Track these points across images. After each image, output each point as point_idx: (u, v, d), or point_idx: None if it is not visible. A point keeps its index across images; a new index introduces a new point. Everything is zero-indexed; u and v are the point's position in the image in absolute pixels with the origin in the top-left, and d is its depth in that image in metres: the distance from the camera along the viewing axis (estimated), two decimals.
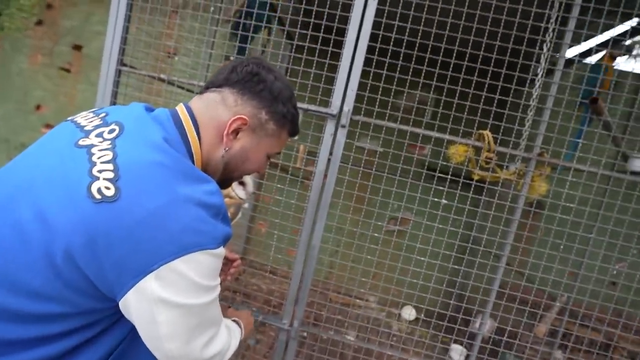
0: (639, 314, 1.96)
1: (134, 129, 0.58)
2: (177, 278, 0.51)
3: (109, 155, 0.53)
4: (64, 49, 4.16)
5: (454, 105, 1.55)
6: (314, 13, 1.56)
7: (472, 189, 1.58)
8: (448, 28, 1.52)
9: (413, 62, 1.53)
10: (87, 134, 0.59)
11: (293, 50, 2.48)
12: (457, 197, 1.78)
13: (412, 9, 1.47)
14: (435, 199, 1.70)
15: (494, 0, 1.42)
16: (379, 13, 1.41)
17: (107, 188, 0.50)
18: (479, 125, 1.57)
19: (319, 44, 1.54)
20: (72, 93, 3.93)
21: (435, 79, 1.60)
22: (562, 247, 1.60)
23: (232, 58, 1.83)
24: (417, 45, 1.54)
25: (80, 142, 0.57)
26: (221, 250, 0.57)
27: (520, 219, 1.56)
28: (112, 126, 0.59)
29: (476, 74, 1.56)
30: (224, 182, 0.76)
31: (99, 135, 0.58)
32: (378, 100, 1.59)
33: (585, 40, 1.96)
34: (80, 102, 3.62)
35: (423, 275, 1.75)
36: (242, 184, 1.05)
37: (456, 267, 1.68)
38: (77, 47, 4.12)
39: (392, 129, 1.53)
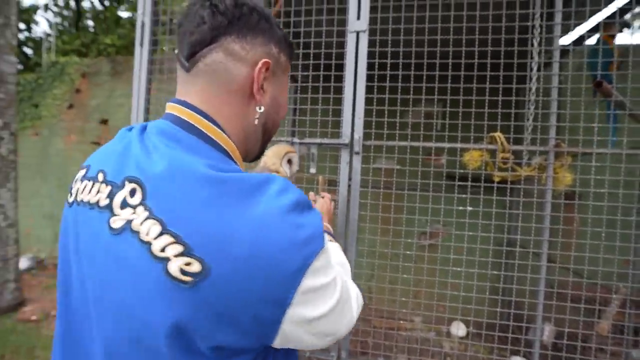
0: None
1: (158, 176, 0.46)
2: (313, 295, 0.47)
3: (157, 226, 0.44)
4: (93, 125, 4.58)
5: (460, 113, 1.59)
6: (311, 55, 1.69)
7: (495, 191, 1.58)
8: (439, 44, 1.60)
9: (412, 82, 1.61)
10: (111, 210, 0.48)
11: (298, 91, 2.63)
12: (482, 202, 1.77)
13: (402, 34, 1.57)
14: (460, 207, 1.70)
15: (477, 11, 1.50)
16: (371, 43, 1.51)
17: (188, 264, 0.41)
18: (489, 128, 1.60)
19: (321, 81, 1.65)
20: None
21: (436, 93, 1.66)
22: (603, 234, 1.54)
23: None
24: (413, 65, 1.62)
25: (114, 225, 0.47)
26: (326, 236, 0.50)
27: (552, 212, 1.53)
28: (126, 185, 0.48)
29: (475, 80, 1.61)
30: (265, 145, 0.65)
31: (124, 205, 0.47)
32: (386, 122, 1.66)
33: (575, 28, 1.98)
34: None
35: (463, 286, 1.71)
36: (289, 162, 1.03)
37: (495, 272, 1.64)
38: (104, 121, 4.53)
39: (405, 147, 1.58)
